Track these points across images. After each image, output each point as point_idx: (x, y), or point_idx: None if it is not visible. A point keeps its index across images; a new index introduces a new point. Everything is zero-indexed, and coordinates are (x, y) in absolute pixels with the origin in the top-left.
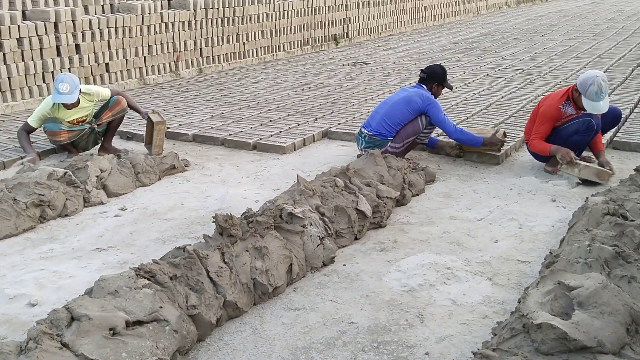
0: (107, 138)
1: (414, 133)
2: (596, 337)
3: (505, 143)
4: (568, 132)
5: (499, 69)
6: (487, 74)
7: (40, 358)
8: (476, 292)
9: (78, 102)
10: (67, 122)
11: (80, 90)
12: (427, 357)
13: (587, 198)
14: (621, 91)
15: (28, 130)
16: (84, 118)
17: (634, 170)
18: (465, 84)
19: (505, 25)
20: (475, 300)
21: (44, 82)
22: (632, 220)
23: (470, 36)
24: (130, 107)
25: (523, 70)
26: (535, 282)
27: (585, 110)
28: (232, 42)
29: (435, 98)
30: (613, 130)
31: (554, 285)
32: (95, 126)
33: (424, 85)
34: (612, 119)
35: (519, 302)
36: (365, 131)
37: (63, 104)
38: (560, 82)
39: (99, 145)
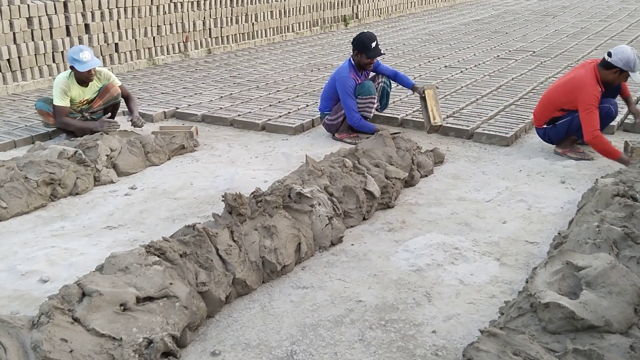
0: None
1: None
2: (604, 316)
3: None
4: None
5: (510, 51)
6: (498, 56)
7: (52, 332)
8: (484, 272)
9: (91, 79)
10: (76, 101)
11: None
12: (434, 335)
13: (596, 180)
14: None
15: (66, 112)
16: (89, 100)
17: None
18: (475, 66)
19: (517, 6)
20: (482, 280)
21: (53, 61)
22: None
23: (481, 17)
24: (125, 99)
25: (534, 52)
26: (544, 262)
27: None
28: (241, 22)
29: (362, 67)
30: (624, 113)
31: (562, 265)
32: (87, 115)
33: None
34: None
35: (527, 282)
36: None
37: (77, 78)
38: (571, 64)
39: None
